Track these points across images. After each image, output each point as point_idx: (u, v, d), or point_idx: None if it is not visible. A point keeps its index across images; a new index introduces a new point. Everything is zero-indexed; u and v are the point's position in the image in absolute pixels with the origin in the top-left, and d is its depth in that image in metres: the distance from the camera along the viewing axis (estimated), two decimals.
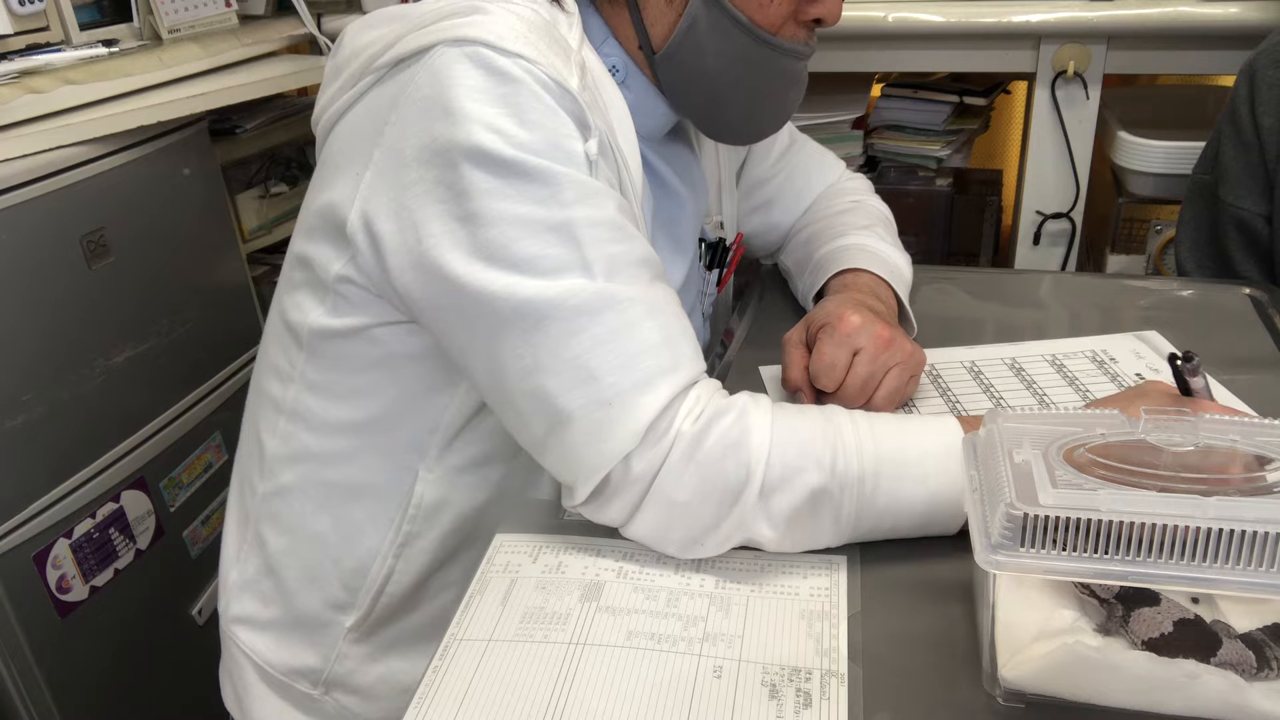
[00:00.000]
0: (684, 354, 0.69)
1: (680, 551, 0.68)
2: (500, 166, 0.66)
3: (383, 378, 0.78)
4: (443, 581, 0.85)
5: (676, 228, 0.90)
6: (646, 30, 0.79)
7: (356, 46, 0.75)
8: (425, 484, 0.81)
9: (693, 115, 0.86)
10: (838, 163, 1.11)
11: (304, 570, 0.85)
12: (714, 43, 0.78)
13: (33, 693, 1.22)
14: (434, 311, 0.71)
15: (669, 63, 0.80)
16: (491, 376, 0.70)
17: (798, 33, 0.81)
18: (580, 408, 0.66)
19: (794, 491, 0.66)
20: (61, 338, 1.23)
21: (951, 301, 1.07)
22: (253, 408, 0.88)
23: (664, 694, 0.57)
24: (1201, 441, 0.55)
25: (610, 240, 0.68)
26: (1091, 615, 0.56)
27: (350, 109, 0.75)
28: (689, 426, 0.66)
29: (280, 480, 0.84)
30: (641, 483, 0.66)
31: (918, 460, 0.67)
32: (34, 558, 1.21)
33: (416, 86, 0.69)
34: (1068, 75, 1.51)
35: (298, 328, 0.80)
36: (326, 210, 0.74)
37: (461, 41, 0.68)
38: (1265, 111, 1.13)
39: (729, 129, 0.89)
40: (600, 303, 0.66)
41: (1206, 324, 1.00)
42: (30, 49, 1.30)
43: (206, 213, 1.48)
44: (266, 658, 0.88)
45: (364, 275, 0.74)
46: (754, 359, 0.95)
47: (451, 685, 0.59)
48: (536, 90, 0.68)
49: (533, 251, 0.66)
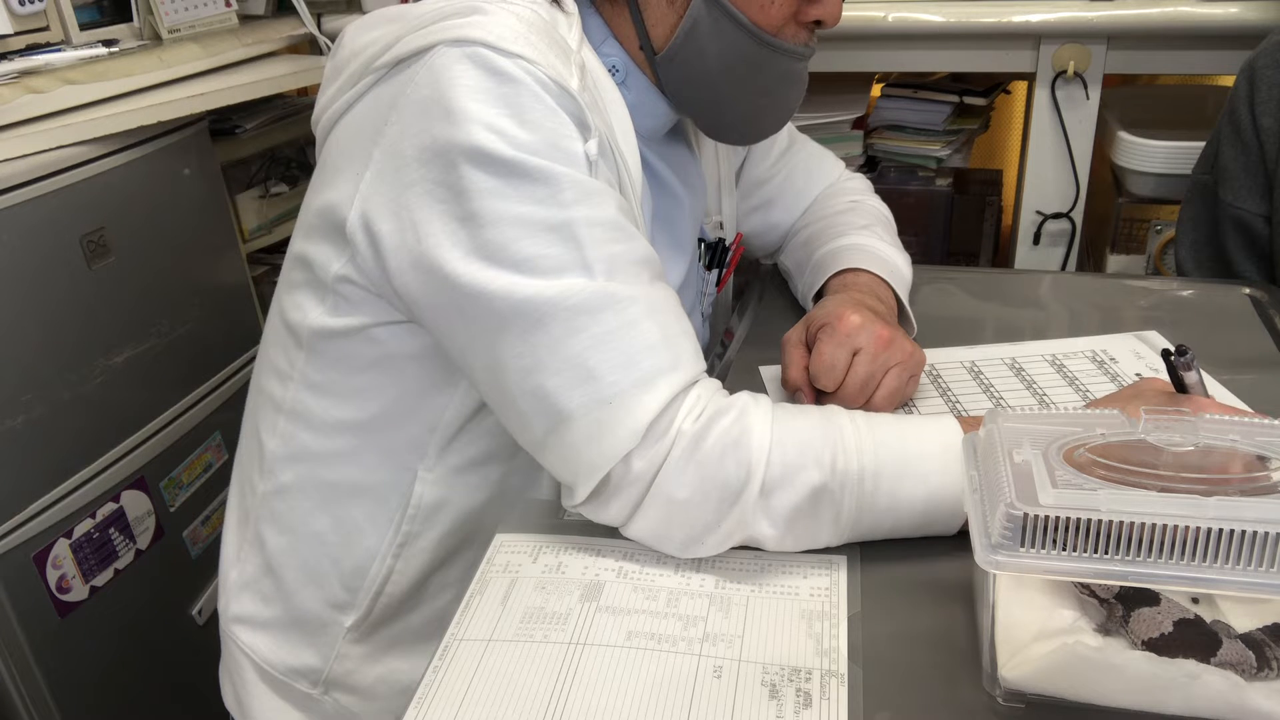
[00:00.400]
0: (684, 353, 0.69)
1: (680, 551, 0.68)
2: (500, 166, 0.66)
3: (382, 377, 0.78)
4: (442, 581, 0.85)
5: (675, 227, 0.91)
6: (647, 31, 0.80)
7: (356, 47, 0.75)
8: (424, 484, 0.81)
9: (694, 115, 0.86)
10: (837, 163, 1.12)
11: (303, 570, 0.85)
12: (715, 44, 0.78)
13: (33, 693, 1.22)
14: (434, 311, 0.71)
15: (670, 64, 0.80)
16: (491, 376, 0.70)
17: (798, 34, 0.81)
18: (580, 407, 0.66)
19: (794, 490, 0.66)
20: (61, 338, 1.23)
21: (951, 301, 1.07)
22: (253, 407, 0.89)
23: (664, 694, 0.57)
24: (1201, 441, 0.55)
25: (610, 240, 0.68)
26: (1091, 615, 0.56)
27: (350, 109, 0.75)
28: (689, 425, 0.66)
29: (280, 480, 0.84)
30: (642, 482, 0.66)
31: (918, 459, 0.67)
32: (34, 558, 1.21)
33: (416, 87, 0.69)
34: (1068, 75, 1.51)
35: (297, 327, 0.80)
36: (326, 210, 0.75)
37: (461, 42, 0.68)
38: (1265, 112, 1.13)
39: (730, 129, 0.89)
40: (600, 302, 0.66)
41: (1206, 324, 1.00)
42: (30, 49, 1.30)
43: (206, 213, 1.48)
44: (266, 657, 0.88)
45: (364, 275, 0.74)
46: (754, 359, 0.95)
47: (451, 685, 0.59)
48: (536, 90, 0.68)
49: (532, 252, 0.66)
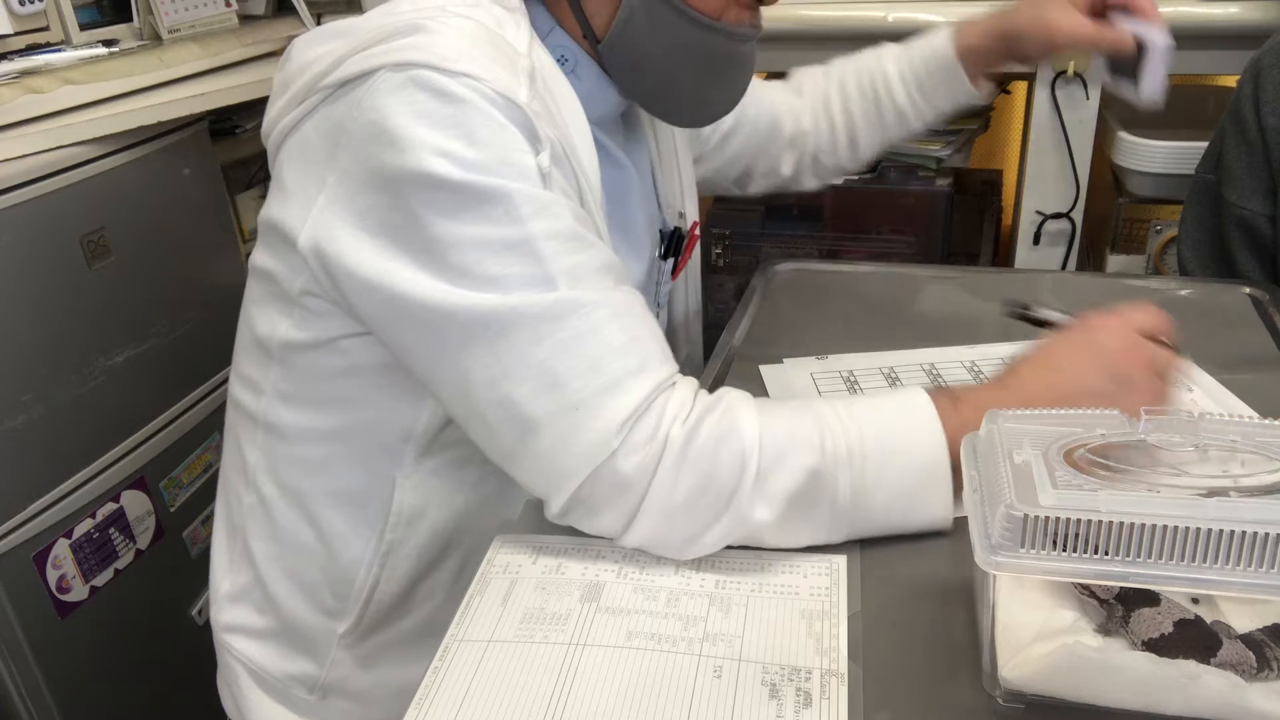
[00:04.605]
0: (651, 355, 0.68)
1: (679, 552, 0.68)
2: (452, 190, 0.66)
3: (353, 387, 0.78)
4: (430, 587, 0.84)
5: (628, 210, 0.90)
6: (588, 21, 0.79)
7: (304, 62, 0.74)
8: (403, 490, 0.80)
9: (641, 100, 0.86)
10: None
11: (293, 580, 0.84)
12: (654, 30, 0.78)
13: (33, 693, 1.22)
14: (394, 330, 0.70)
15: (612, 52, 0.80)
16: (457, 389, 0.69)
17: (741, 15, 0.80)
18: (547, 414, 0.66)
19: (789, 473, 0.66)
20: (61, 338, 1.23)
21: (951, 301, 1.07)
22: (231, 421, 0.88)
23: (664, 694, 0.57)
24: (1201, 441, 0.55)
25: (570, 251, 0.68)
26: (1091, 616, 0.56)
27: (298, 127, 0.74)
28: (678, 431, 0.66)
29: (263, 492, 0.84)
30: (634, 492, 0.65)
31: (903, 433, 0.68)
32: (34, 558, 1.21)
33: (362, 111, 0.68)
34: (1068, 75, 1.51)
35: (267, 341, 0.80)
36: (282, 228, 0.74)
37: (403, 66, 0.67)
38: (1270, 111, 1.12)
39: (678, 113, 0.89)
40: (563, 309, 0.66)
41: (1207, 324, 1.00)
42: (30, 49, 1.30)
43: (206, 213, 1.48)
44: (263, 665, 0.87)
45: (324, 291, 0.74)
46: (754, 359, 0.95)
47: (451, 686, 0.59)
48: (483, 107, 0.67)
49: (495, 271, 0.66)
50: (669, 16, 0.77)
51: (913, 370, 0.92)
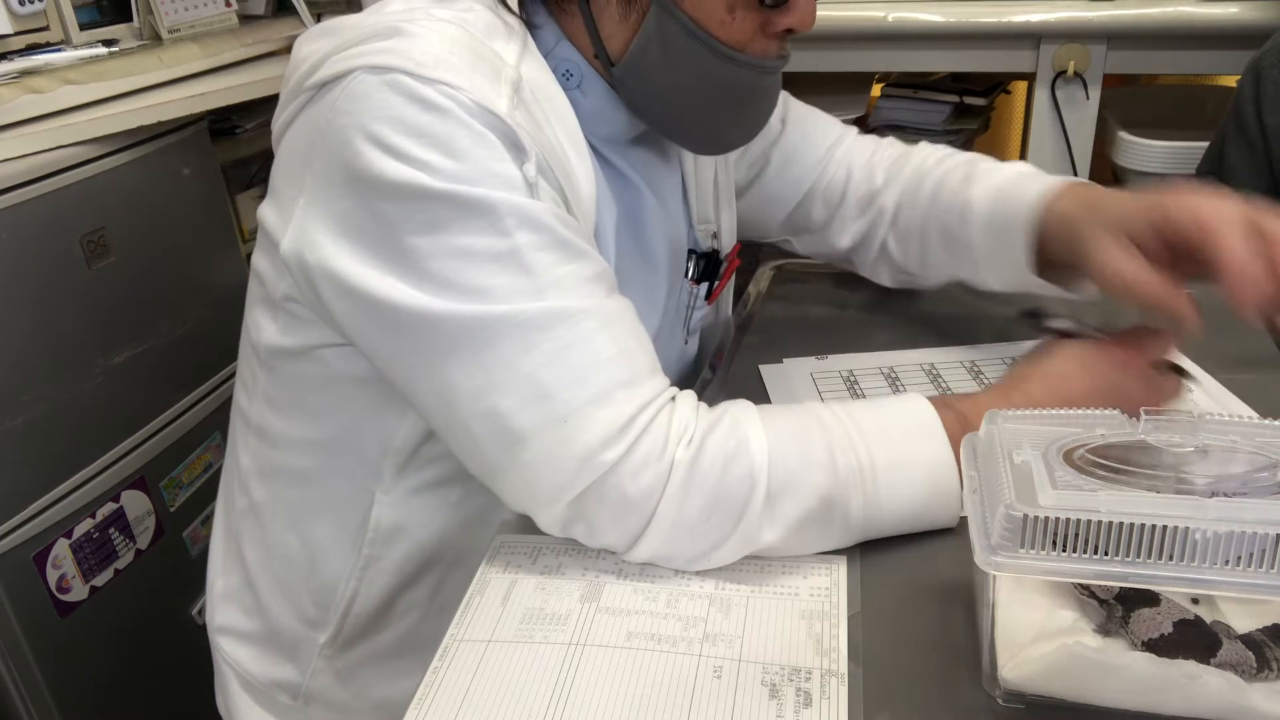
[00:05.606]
0: (641, 367, 0.66)
1: (685, 567, 0.67)
2: (433, 200, 0.63)
3: (333, 399, 0.76)
4: (409, 602, 0.83)
5: (642, 233, 0.86)
6: (603, 42, 0.75)
7: (298, 59, 0.72)
8: (382, 506, 0.78)
9: (655, 127, 0.81)
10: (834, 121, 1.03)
11: (278, 586, 0.84)
12: (673, 60, 0.74)
13: (33, 693, 1.22)
14: (374, 338, 0.68)
15: (627, 76, 0.76)
16: (440, 400, 0.67)
17: (768, 46, 0.75)
18: (535, 426, 0.64)
19: (802, 497, 0.65)
20: (61, 338, 1.23)
21: (951, 301, 1.07)
22: (231, 421, 0.88)
23: (664, 694, 0.57)
24: (1201, 441, 0.55)
25: (558, 262, 0.65)
26: (1091, 616, 0.56)
27: (289, 127, 0.72)
28: (683, 453, 0.64)
29: (254, 496, 0.83)
30: (640, 513, 0.64)
31: (905, 441, 0.67)
32: (34, 558, 1.21)
33: (336, 114, 0.66)
34: (1068, 75, 1.51)
35: (257, 344, 0.79)
36: (270, 231, 0.73)
37: (379, 69, 0.65)
38: (1270, 111, 1.13)
39: (693, 141, 0.85)
40: (552, 318, 0.64)
41: (1207, 324, 1.00)
42: (30, 49, 1.31)
43: (206, 213, 1.48)
44: (248, 668, 0.87)
45: (304, 296, 0.72)
46: (754, 359, 0.95)
47: (451, 686, 0.59)
48: (462, 117, 0.64)
49: (481, 282, 0.64)
50: (690, 46, 0.73)
51: (913, 370, 0.92)
